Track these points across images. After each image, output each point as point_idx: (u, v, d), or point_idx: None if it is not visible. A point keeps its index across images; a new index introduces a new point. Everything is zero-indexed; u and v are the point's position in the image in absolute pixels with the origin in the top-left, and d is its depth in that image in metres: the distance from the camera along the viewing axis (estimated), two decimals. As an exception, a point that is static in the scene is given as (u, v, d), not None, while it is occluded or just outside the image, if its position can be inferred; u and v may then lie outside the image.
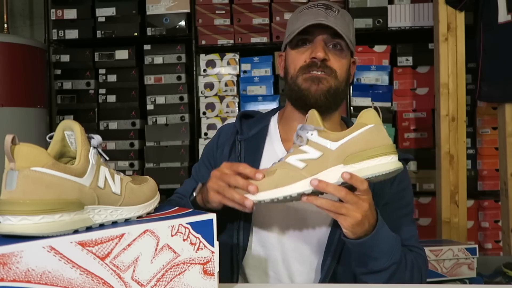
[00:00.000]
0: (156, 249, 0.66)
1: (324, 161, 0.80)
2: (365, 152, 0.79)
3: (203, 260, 0.72)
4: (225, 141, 1.12)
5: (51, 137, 0.66)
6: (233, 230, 1.03)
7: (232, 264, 1.03)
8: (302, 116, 1.04)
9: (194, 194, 0.98)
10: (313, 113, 0.84)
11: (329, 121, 1.07)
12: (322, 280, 0.99)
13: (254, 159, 1.05)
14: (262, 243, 1.04)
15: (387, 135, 0.82)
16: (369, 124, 0.81)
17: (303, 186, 0.79)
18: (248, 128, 1.12)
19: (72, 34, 2.78)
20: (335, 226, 0.99)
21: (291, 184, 0.79)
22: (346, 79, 1.07)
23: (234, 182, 0.84)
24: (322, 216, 1.00)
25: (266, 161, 1.06)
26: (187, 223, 0.70)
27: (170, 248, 0.68)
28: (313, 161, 0.80)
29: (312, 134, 0.82)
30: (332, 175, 0.79)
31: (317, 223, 1.02)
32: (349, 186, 0.81)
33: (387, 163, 0.79)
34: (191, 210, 0.77)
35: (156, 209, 0.77)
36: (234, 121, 1.15)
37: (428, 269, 1.52)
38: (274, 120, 1.15)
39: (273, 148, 1.08)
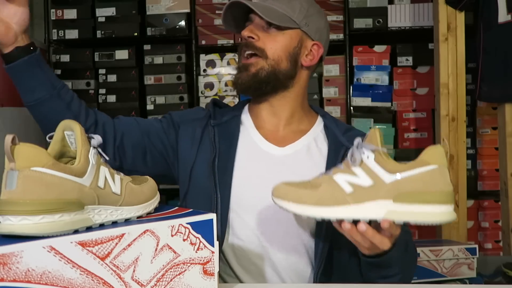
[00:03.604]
0: (156, 249, 0.66)
1: (373, 192, 0.73)
2: (420, 195, 0.72)
3: (203, 260, 0.72)
4: (198, 120, 1.11)
5: (51, 137, 0.66)
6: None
7: None
8: (255, 103, 1.11)
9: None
10: (374, 133, 0.75)
11: (276, 103, 1.08)
12: (318, 268, 0.97)
13: (230, 144, 1.06)
14: (240, 233, 1.00)
15: (449, 180, 0.73)
16: (433, 164, 0.73)
17: (345, 213, 0.73)
18: (220, 115, 1.12)
19: (72, 34, 2.77)
20: None
21: (332, 206, 0.73)
22: (289, 57, 1.04)
23: None
24: None
25: (242, 146, 1.06)
26: (187, 223, 0.70)
27: (170, 248, 0.68)
28: (362, 188, 0.73)
29: (368, 157, 0.74)
30: (377, 209, 0.73)
31: None
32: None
33: (440, 213, 0.71)
34: (191, 210, 0.77)
35: (156, 209, 0.77)
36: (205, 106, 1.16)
37: (428, 269, 1.52)
38: (245, 110, 1.16)
39: (248, 133, 1.09)
